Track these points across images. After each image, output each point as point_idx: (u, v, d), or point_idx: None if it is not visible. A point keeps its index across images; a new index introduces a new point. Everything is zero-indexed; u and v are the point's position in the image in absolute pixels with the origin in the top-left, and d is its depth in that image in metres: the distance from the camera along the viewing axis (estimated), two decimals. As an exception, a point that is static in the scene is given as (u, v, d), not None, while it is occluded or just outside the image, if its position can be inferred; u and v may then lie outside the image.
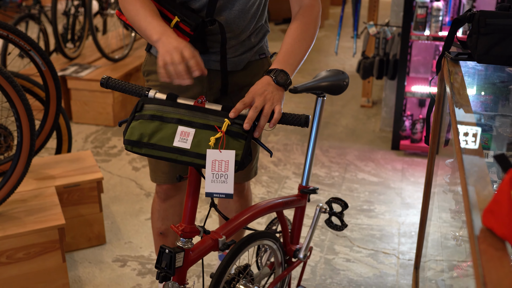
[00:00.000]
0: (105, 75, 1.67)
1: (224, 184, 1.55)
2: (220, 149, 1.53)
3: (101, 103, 4.47)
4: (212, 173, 1.54)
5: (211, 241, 1.78)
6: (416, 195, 3.50)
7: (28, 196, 2.63)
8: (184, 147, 1.56)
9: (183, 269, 1.70)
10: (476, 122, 1.64)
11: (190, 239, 1.70)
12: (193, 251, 1.73)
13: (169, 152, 1.56)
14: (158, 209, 2.22)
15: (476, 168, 1.24)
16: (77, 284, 2.66)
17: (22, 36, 2.65)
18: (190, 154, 1.56)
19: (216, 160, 1.53)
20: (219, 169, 1.54)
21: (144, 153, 1.58)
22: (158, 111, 1.59)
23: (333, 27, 7.96)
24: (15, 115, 2.38)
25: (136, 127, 1.58)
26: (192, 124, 1.57)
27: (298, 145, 4.18)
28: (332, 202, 2.24)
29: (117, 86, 1.66)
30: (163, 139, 1.57)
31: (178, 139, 1.56)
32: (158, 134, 1.57)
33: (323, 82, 2.07)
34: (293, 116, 1.60)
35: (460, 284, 2.19)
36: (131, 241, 3.00)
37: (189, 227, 1.70)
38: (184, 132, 1.56)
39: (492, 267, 0.88)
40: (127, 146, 1.59)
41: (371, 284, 2.69)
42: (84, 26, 5.09)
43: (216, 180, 1.54)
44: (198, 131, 1.56)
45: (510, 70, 1.99)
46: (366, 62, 4.29)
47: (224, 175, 1.54)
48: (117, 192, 3.48)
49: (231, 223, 1.88)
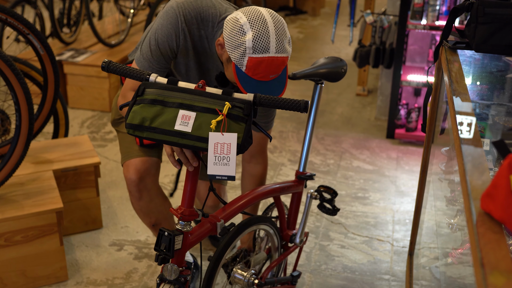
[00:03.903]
0: (106, 59, 1.68)
1: (226, 166, 1.57)
2: (222, 131, 1.55)
3: (97, 88, 4.46)
4: (215, 156, 1.56)
5: (209, 224, 1.80)
6: (411, 183, 3.53)
7: (26, 179, 2.64)
8: (185, 130, 1.57)
9: (182, 251, 1.72)
10: (473, 110, 1.66)
11: (189, 222, 1.72)
12: (192, 234, 1.75)
13: (171, 135, 1.58)
14: (139, 208, 2.26)
15: (473, 154, 1.26)
16: (74, 267, 2.68)
17: (21, 19, 2.64)
18: (191, 137, 1.57)
19: (218, 143, 1.55)
20: (221, 151, 1.55)
21: (146, 136, 1.60)
22: (159, 95, 1.60)
23: (329, 15, 7.96)
24: (14, 98, 2.38)
25: (138, 111, 1.59)
26: (193, 107, 1.58)
27: (294, 133, 4.20)
28: (322, 192, 2.27)
29: (118, 70, 1.67)
30: (164, 123, 1.58)
31: (180, 123, 1.57)
32: (159, 118, 1.58)
33: (321, 69, 2.10)
34: (292, 101, 1.62)
35: (454, 270, 2.22)
36: (127, 225, 3.01)
37: (188, 210, 1.72)
38: (185, 115, 1.58)
39: (490, 250, 0.90)
40: (129, 130, 1.60)
41: (365, 270, 2.73)
42: (80, 11, 5.07)
43: (219, 162, 1.56)
44: (199, 114, 1.58)
45: (507, 59, 2.01)
46: (363, 50, 4.30)
47: (226, 157, 1.56)
48: (113, 177, 3.50)
49: (229, 207, 1.90)
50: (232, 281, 2.03)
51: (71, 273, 2.64)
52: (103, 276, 2.63)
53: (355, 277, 2.67)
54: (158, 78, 1.65)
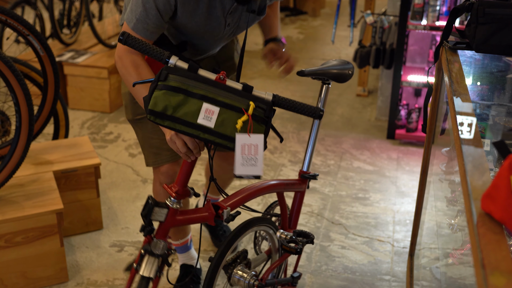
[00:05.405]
0: (125, 32, 1.65)
1: (254, 167, 1.59)
2: (249, 133, 1.56)
3: (97, 89, 4.46)
4: (242, 157, 1.57)
5: (207, 213, 1.80)
6: (411, 183, 3.53)
7: (26, 180, 2.64)
8: (208, 125, 1.58)
9: (165, 225, 1.76)
10: (473, 111, 1.65)
11: (179, 201, 1.76)
12: (183, 214, 1.78)
13: (193, 128, 1.58)
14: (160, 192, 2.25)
15: (474, 155, 1.26)
16: (74, 268, 2.68)
17: (21, 21, 2.64)
18: (213, 133, 1.58)
19: (246, 144, 1.57)
20: (248, 153, 1.57)
21: (167, 125, 1.59)
22: (183, 83, 1.58)
23: (329, 15, 7.95)
24: (14, 99, 2.38)
25: (160, 97, 1.57)
26: (217, 102, 1.58)
27: (294, 133, 4.20)
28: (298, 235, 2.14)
29: (136, 45, 1.64)
30: (187, 114, 1.58)
31: (203, 117, 1.57)
32: (182, 109, 1.58)
33: (331, 69, 2.14)
34: (309, 107, 1.66)
35: (455, 271, 2.22)
36: (128, 226, 3.01)
37: (182, 189, 1.76)
38: (209, 110, 1.58)
39: (491, 250, 0.90)
40: (150, 117, 1.59)
41: (365, 271, 2.72)
42: (80, 12, 5.07)
43: (246, 163, 1.58)
44: (222, 110, 1.58)
45: (507, 59, 2.01)
46: (363, 51, 4.30)
47: (254, 158, 1.57)
48: (114, 178, 3.50)
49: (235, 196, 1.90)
50: (232, 282, 2.03)
51: (72, 274, 2.64)
52: (104, 277, 2.63)
53: (355, 278, 2.67)
54: (178, 62, 1.63)
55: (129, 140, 4.01)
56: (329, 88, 2.17)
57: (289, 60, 2.23)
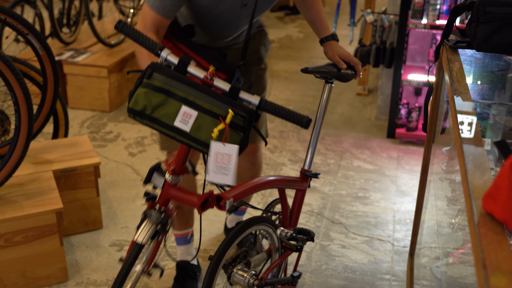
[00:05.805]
0: (122, 20, 1.67)
1: (226, 176, 1.59)
2: (224, 142, 1.56)
3: (97, 89, 4.46)
4: (215, 164, 1.57)
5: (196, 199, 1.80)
6: (411, 183, 3.52)
7: (26, 180, 2.64)
8: (184, 129, 1.59)
9: (162, 193, 1.82)
10: (474, 110, 1.65)
11: (177, 177, 1.81)
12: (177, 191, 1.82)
13: (169, 130, 1.60)
14: None
15: (475, 154, 1.26)
16: (74, 268, 2.67)
17: (20, 20, 2.63)
18: (189, 137, 1.59)
19: (219, 152, 1.56)
20: (222, 161, 1.57)
21: (145, 124, 1.62)
22: (166, 84, 1.60)
23: (330, 14, 7.94)
24: (13, 99, 2.37)
25: (141, 96, 1.59)
26: (196, 106, 1.59)
27: (294, 132, 4.19)
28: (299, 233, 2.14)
29: (130, 34, 1.65)
30: (165, 116, 1.59)
31: (180, 119, 1.58)
32: (161, 110, 1.59)
33: (335, 68, 2.15)
34: (296, 115, 1.64)
35: (455, 270, 2.21)
36: (127, 226, 3.01)
37: (178, 168, 1.79)
38: (187, 113, 1.58)
39: (492, 251, 0.89)
40: (130, 114, 1.62)
41: (366, 270, 2.72)
42: (80, 11, 5.06)
43: (219, 171, 1.58)
44: (201, 115, 1.58)
45: (508, 58, 2.00)
46: (363, 50, 4.30)
47: (226, 168, 1.57)
48: (113, 178, 3.49)
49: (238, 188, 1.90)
50: (232, 281, 2.02)
51: (71, 274, 2.63)
52: (104, 276, 2.63)
53: (355, 277, 2.67)
54: (170, 56, 1.64)
55: (128, 139, 4.01)
56: (332, 88, 2.17)
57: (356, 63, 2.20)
